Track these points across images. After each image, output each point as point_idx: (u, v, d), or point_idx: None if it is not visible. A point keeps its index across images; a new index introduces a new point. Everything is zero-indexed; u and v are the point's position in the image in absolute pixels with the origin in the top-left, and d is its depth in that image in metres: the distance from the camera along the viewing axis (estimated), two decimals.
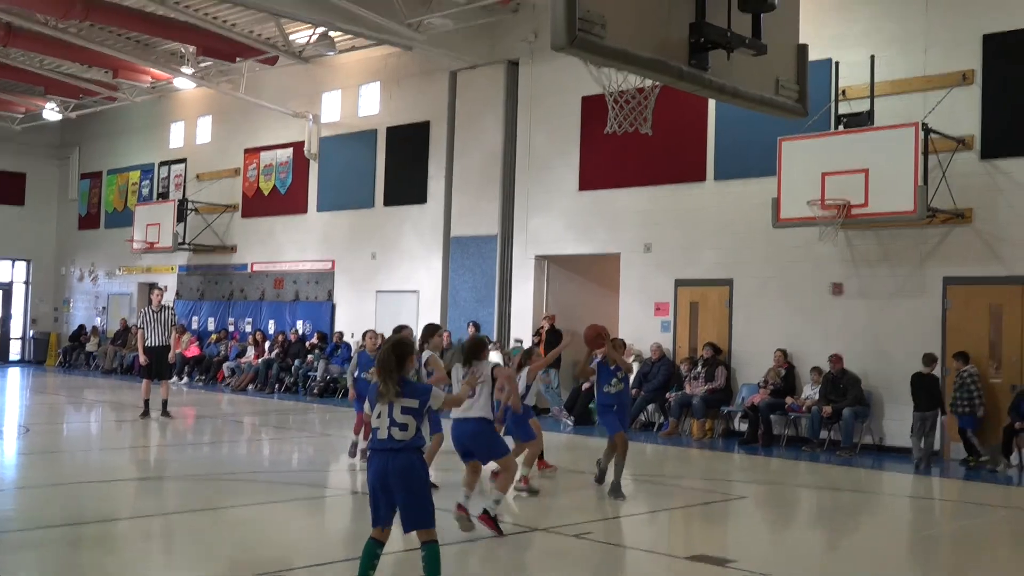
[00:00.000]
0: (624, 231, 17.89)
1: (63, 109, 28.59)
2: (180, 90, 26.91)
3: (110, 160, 30.50)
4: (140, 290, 28.79)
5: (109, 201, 30.46)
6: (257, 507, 9.11)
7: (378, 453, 5.63)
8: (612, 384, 10.12)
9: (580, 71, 7.13)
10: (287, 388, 22.21)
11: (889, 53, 14.76)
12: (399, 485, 5.55)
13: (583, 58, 6.08)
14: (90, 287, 31.04)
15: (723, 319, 16.65)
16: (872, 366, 14.82)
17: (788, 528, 9.07)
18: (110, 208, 30.41)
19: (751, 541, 8.64)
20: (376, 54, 22.40)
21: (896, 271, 14.75)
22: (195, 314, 26.70)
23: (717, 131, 16.68)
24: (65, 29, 21.40)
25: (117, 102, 27.84)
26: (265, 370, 22.66)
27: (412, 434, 5.61)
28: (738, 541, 8.61)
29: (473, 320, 19.87)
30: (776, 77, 7.29)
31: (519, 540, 8.13)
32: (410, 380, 5.78)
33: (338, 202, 23.21)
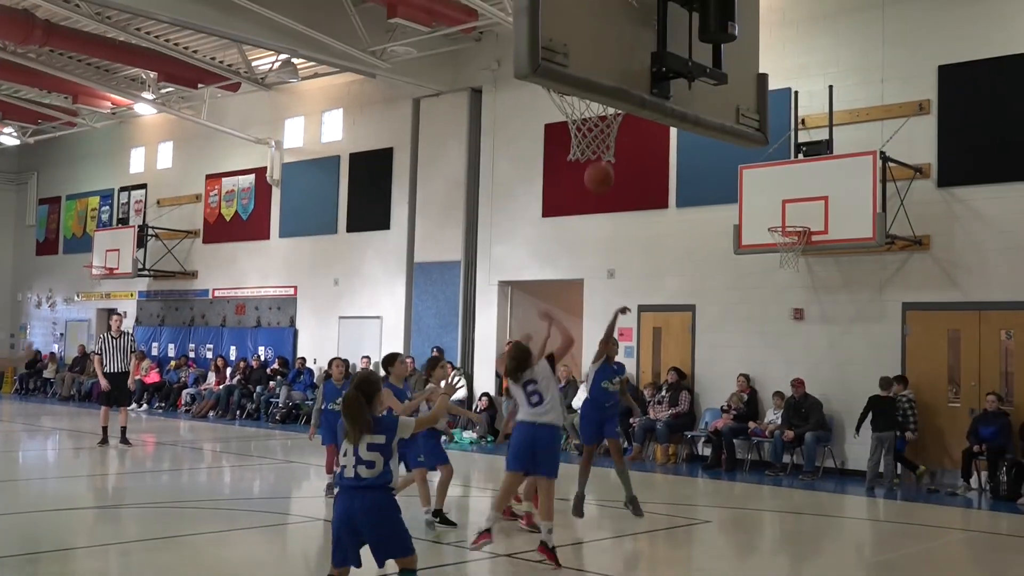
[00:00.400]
0: (587, 257, 17.99)
1: (21, 134, 28.37)
2: (141, 116, 26.77)
3: (69, 185, 30.22)
4: (99, 316, 28.47)
5: (68, 227, 30.15)
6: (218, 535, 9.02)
7: (345, 492, 5.46)
8: (613, 382, 9.83)
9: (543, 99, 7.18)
10: (248, 415, 22.03)
11: (847, 83, 15.01)
12: (367, 524, 5.38)
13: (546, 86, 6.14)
14: (48, 313, 30.66)
15: (686, 344, 16.75)
16: (833, 390, 14.97)
17: (752, 553, 9.12)
18: (69, 234, 30.11)
19: (715, 566, 8.68)
20: (339, 81, 22.43)
21: (856, 297, 14.94)
22: (155, 340, 26.45)
23: (679, 159, 16.85)
24: (24, 54, 21.27)
25: (76, 127, 27.66)
26: (227, 396, 22.47)
27: (379, 471, 5.41)
28: (702, 566, 8.64)
29: (436, 345, 19.84)
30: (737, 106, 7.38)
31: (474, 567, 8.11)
32: (376, 415, 5.56)
33: (300, 228, 23.14)
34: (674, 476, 14.68)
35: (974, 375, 14.01)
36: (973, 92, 14.10)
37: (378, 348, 21.19)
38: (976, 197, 14.04)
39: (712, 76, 6.72)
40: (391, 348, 20.90)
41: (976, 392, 13.83)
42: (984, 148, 13.99)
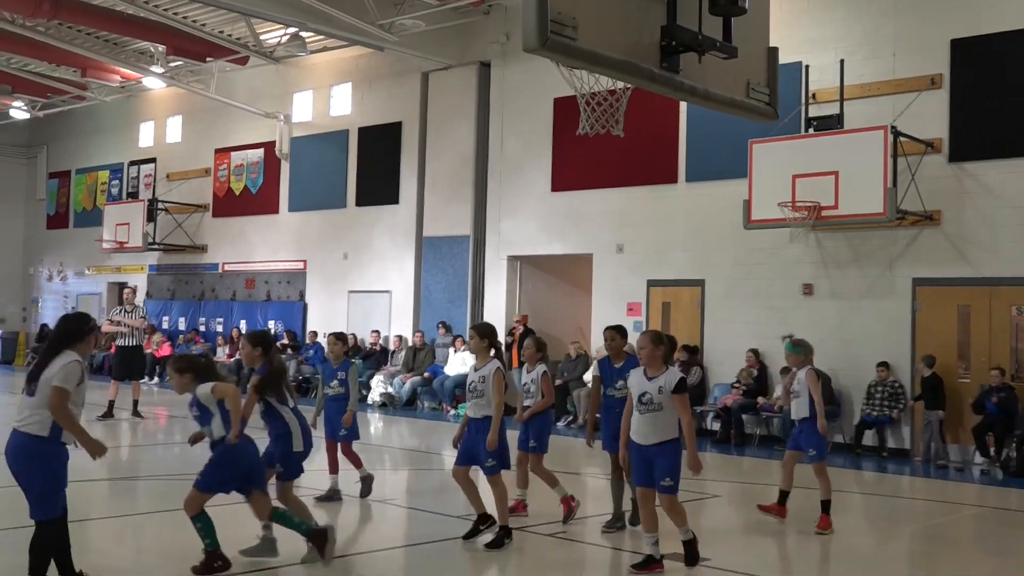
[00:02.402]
0: (596, 232, 17.96)
1: (31, 108, 28.34)
2: (150, 89, 26.73)
3: (79, 159, 30.24)
4: (110, 289, 28.57)
5: (78, 200, 30.20)
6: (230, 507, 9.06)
7: None
8: (619, 387, 8.43)
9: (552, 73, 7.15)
10: None
11: (859, 57, 14.90)
12: None
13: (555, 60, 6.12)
14: (59, 286, 30.77)
15: (695, 319, 16.74)
16: (842, 366, 14.96)
17: (761, 527, 9.13)
18: (79, 208, 30.16)
19: (725, 540, 8.70)
20: (348, 55, 22.35)
21: (866, 272, 14.90)
22: (166, 314, 26.53)
23: (689, 133, 16.78)
24: (33, 27, 21.22)
25: (86, 101, 27.65)
26: (237, 370, 22.55)
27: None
28: (712, 540, 8.65)
29: (443, 320, 19.89)
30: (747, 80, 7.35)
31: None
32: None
33: (309, 202, 23.14)
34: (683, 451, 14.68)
35: (984, 351, 13.98)
36: (985, 66, 13.99)
37: (387, 322, 21.26)
38: (988, 172, 13.96)
39: (722, 50, 6.69)
40: (401, 323, 21.01)
41: (986, 368, 13.78)
42: (996, 123, 13.89)
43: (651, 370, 7.03)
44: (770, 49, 7.58)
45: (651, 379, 6.99)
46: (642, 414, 7.00)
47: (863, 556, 8.43)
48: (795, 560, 8.43)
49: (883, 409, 14.30)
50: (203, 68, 23.71)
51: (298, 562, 7.04)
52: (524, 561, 7.73)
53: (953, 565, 8.34)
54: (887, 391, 14.37)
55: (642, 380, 7.06)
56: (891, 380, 14.38)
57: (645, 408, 6.97)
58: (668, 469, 6.99)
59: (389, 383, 19.92)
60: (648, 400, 6.94)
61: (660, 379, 6.95)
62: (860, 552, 8.56)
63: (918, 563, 8.62)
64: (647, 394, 6.95)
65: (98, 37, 22.79)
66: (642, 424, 7.02)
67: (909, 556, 8.89)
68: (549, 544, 8.17)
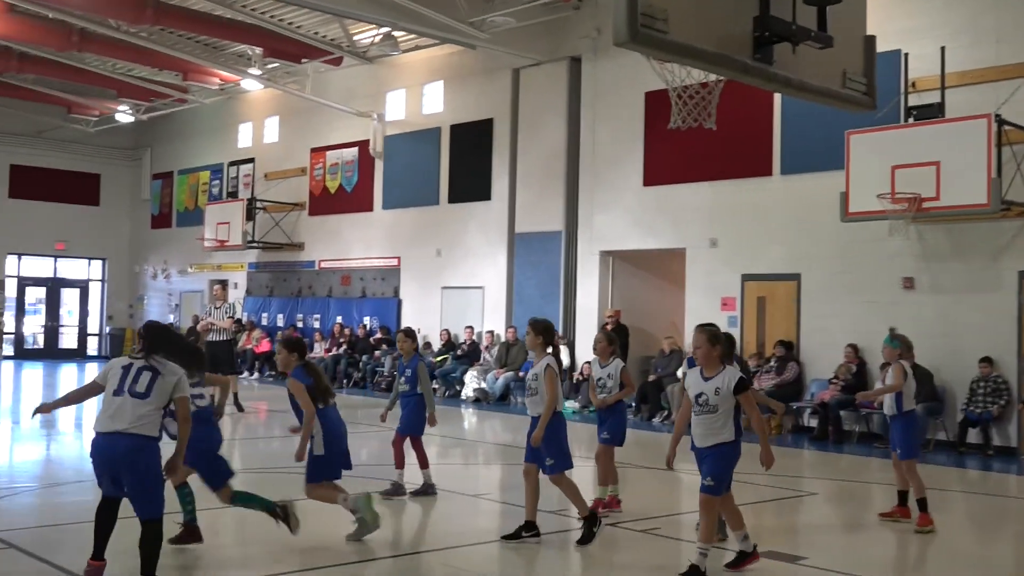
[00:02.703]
0: (689, 226, 17.80)
1: (135, 111, 29.17)
2: (248, 91, 27.32)
3: (181, 160, 31.10)
4: (210, 287, 29.28)
5: (180, 200, 31.04)
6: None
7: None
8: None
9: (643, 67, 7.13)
10: (355, 383, 22.52)
11: (960, 44, 14.46)
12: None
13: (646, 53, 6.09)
14: (163, 284, 31.69)
15: (791, 314, 16.48)
16: (944, 362, 14.55)
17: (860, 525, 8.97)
18: (181, 207, 31.00)
19: (822, 538, 8.57)
20: (439, 53, 22.53)
21: (969, 265, 14.47)
22: (264, 311, 27.11)
23: (784, 125, 16.51)
24: (136, 33, 21.85)
25: (187, 104, 28.34)
26: (334, 365, 22.97)
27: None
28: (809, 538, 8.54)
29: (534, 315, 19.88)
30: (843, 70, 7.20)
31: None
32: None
33: (403, 199, 23.41)
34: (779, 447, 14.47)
35: None
36: None
37: (480, 318, 21.40)
38: None
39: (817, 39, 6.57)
40: (493, 318, 21.13)
41: None
42: None
43: (707, 370, 6.79)
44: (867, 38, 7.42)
45: (707, 379, 6.75)
46: (697, 415, 6.77)
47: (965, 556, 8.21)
48: (893, 559, 8.24)
49: (985, 405, 13.88)
50: (298, 69, 24.16)
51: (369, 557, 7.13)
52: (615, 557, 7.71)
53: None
54: (989, 387, 13.92)
55: (698, 380, 6.82)
56: (994, 375, 13.94)
57: (701, 410, 6.73)
58: (713, 470, 6.69)
59: (482, 379, 20.05)
60: (704, 402, 6.70)
61: (717, 379, 6.71)
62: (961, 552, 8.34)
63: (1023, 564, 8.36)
64: (703, 395, 6.71)
65: (198, 41, 23.37)
66: (697, 426, 6.79)
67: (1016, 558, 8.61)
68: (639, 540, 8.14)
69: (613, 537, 8.02)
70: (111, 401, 6.04)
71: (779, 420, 15.64)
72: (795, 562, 7.41)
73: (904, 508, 8.93)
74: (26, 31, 21.14)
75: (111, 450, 5.98)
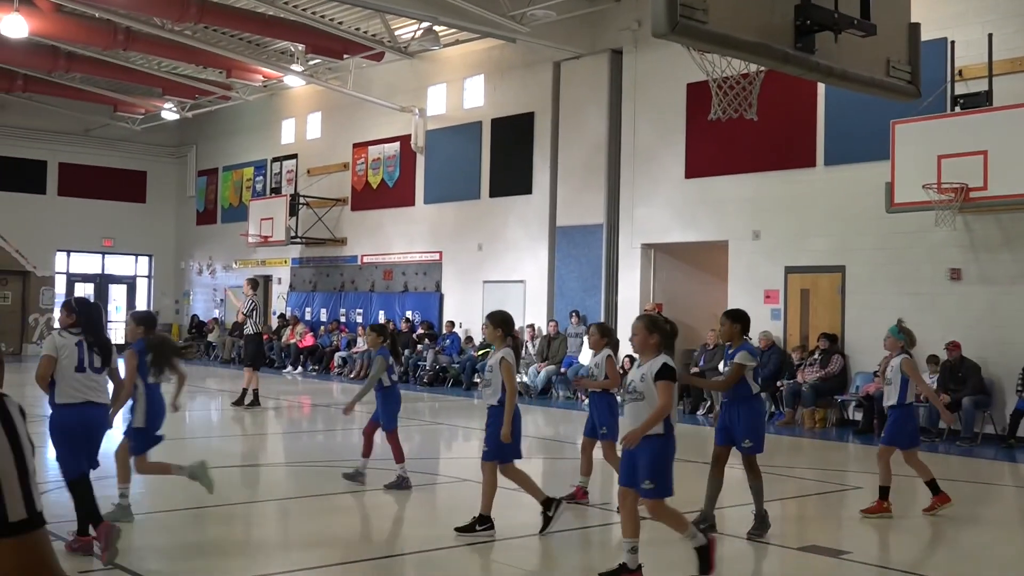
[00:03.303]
0: (732, 219, 17.68)
1: (180, 109, 29.46)
2: (290, 88, 27.52)
3: (225, 157, 31.40)
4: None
5: (224, 197, 31.36)
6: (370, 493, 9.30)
7: None
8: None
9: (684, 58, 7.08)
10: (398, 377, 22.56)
11: (1008, 31, 14.22)
12: None
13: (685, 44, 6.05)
14: (208, 280, 32.03)
15: (835, 306, 16.32)
16: (992, 354, 14.34)
17: (904, 520, 8.85)
18: (225, 204, 31.32)
19: (865, 532, 8.47)
20: (480, 47, 22.55)
21: (1018, 256, 14.23)
22: (308, 305, 27.32)
23: (827, 115, 16.34)
24: (180, 32, 22.07)
25: (231, 101, 28.60)
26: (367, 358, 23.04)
27: None
28: (852, 532, 8.45)
29: (576, 310, 19.89)
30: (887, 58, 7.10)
31: None
32: None
33: (444, 194, 23.47)
34: (823, 441, 14.37)
35: None
36: None
37: (521, 312, 21.39)
38: None
39: (860, 27, 6.48)
40: (535, 312, 21.12)
41: None
42: None
43: (642, 357, 6.39)
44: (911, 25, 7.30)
45: (639, 367, 6.40)
46: (626, 404, 6.39)
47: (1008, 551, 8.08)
48: (938, 554, 8.13)
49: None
50: (340, 65, 24.29)
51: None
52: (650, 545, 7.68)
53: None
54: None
55: (633, 368, 6.56)
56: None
57: (629, 397, 6.30)
58: (649, 470, 6.12)
59: (524, 372, 20.05)
60: (632, 388, 6.26)
61: (645, 366, 6.26)
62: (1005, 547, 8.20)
63: None
64: (632, 382, 6.31)
65: (241, 39, 23.58)
66: (627, 415, 6.41)
67: None
68: None
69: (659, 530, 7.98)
70: (80, 376, 6.86)
71: (823, 414, 15.50)
72: (838, 556, 7.34)
73: (884, 502, 8.74)
74: (72, 31, 21.44)
75: (98, 418, 6.94)
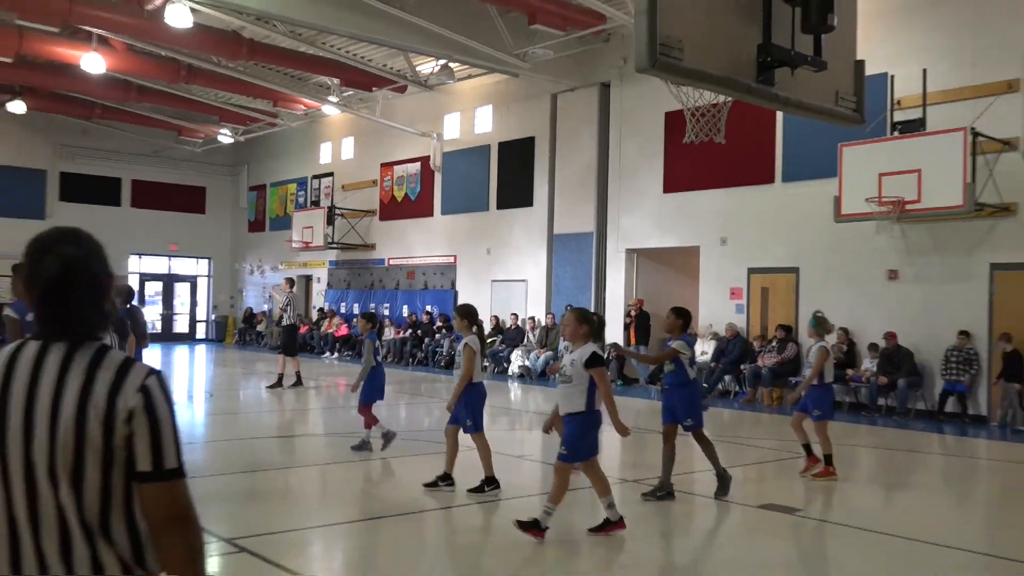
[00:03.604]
0: (703, 227, 17.65)
1: (234, 134, 29.46)
2: (327, 116, 27.48)
3: (272, 175, 31.39)
4: (297, 282, 29.50)
5: (272, 208, 31.33)
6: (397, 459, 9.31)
7: None
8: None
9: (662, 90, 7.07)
10: (419, 361, 22.61)
11: (940, 67, 14.18)
12: None
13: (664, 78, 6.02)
14: (258, 279, 32.04)
15: (790, 302, 16.29)
16: (924, 342, 14.33)
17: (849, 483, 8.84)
18: (273, 214, 31.29)
19: (815, 494, 8.46)
20: (488, 81, 22.52)
21: (947, 259, 14.21)
22: (343, 301, 27.31)
23: (784, 138, 16.31)
24: (234, 68, 22.07)
25: (277, 127, 28.58)
26: (401, 346, 23.09)
27: None
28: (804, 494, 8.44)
29: (570, 304, 19.86)
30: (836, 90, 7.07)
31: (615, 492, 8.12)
32: None
33: (458, 206, 23.44)
34: (779, 416, 14.34)
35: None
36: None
37: (524, 307, 21.39)
38: None
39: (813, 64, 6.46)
40: (535, 306, 21.11)
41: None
42: None
43: (574, 345, 6.47)
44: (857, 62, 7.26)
45: (571, 353, 6.47)
46: (559, 386, 6.51)
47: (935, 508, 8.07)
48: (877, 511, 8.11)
49: (958, 375, 13.60)
50: (370, 97, 24.27)
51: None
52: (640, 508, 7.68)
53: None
54: (962, 356, 13.64)
55: (567, 354, 6.64)
56: (967, 347, 13.66)
57: (561, 379, 6.42)
58: (566, 438, 6.28)
59: (526, 357, 20.05)
60: (564, 372, 6.39)
61: (576, 353, 6.33)
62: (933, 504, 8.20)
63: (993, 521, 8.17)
64: (565, 367, 6.42)
65: (285, 74, 23.56)
66: (559, 396, 6.52)
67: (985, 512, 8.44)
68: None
69: (637, 493, 7.98)
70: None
71: (780, 394, 15.49)
72: (792, 513, 7.33)
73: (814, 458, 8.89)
74: (143, 67, 21.44)
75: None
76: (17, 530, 1.93)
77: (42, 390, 1.95)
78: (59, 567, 1.92)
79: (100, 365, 2.00)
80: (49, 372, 1.97)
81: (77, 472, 1.93)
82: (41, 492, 1.93)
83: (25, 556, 1.92)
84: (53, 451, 1.93)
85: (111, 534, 1.97)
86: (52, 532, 1.93)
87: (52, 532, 1.93)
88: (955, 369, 13.73)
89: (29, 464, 1.93)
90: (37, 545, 1.93)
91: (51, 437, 1.93)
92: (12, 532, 1.93)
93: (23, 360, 1.99)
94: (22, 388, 1.96)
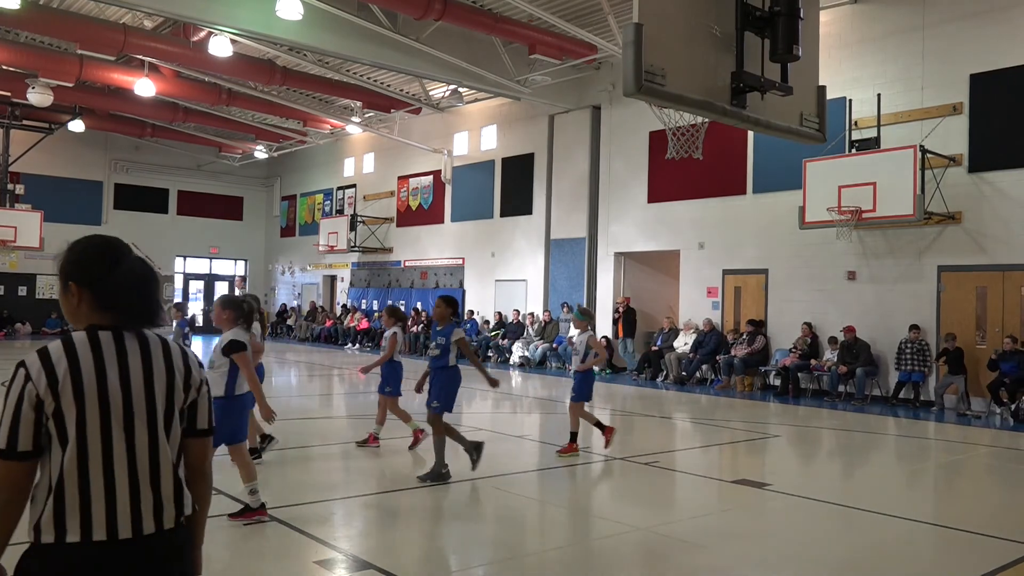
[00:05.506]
0: (683, 233, 17.62)
1: (268, 150, 29.50)
2: (351, 134, 27.50)
3: (302, 186, 31.38)
4: (324, 281, 29.57)
5: (302, 216, 31.32)
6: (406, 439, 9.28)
7: None
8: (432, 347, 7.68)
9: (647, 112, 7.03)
10: None
11: (893, 91, 14.17)
12: None
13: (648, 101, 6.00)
14: (289, 279, 32.04)
15: (760, 300, 16.27)
16: (879, 335, 14.30)
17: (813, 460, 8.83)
18: (302, 221, 31.28)
19: (784, 469, 8.45)
20: (493, 103, 22.50)
21: (899, 261, 14.18)
22: (364, 298, 27.30)
23: (755, 155, 16.28)
24: (269, 92, 22.12)
25: (306, 144, 28.59)
26: (415, 339, 23.06)
27: None
28: (773, 469, 8.43)
29: (565, 301, 19.86)
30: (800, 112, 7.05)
31: (604, 466, 8.11)
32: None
33: (466, 214, 23.42)
34: (750, 400, 14.33)
35: (998, 323, 13.15)
36: (1000, 94, 13.11)
37: (524, 303, 21.37)
38: (1001, 180, 13.09)
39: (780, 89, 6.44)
40: (534, 303, 21.07)
41: (999, 337, 12.97)
42: (1008, 140, 13.01)
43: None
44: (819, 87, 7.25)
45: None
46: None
47: (889, 482, 8.05)
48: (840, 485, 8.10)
49: (913, 365, 13.60)
50: (388, 117, 24.25)
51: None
52: (626, 482, 7.66)
53: (971, 493, 7.87)
54: (916, 347, 13.63)
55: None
56: (920, 340, 13.65)
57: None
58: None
59: (526, 348, 20.03)
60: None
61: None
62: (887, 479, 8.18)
63: (942, 493, 8.16)
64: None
65: (314, 97, 23.56)
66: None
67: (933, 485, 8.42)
68: (643, 470, 8.06)
69: (624, 469, 7.97)
70: None
71: (751, 381, 15.47)
72: (762, 488, 7.31)
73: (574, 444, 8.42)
74: (188, 91, 21.45)
75: None
76: (137, 479, 2.06)
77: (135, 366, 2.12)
78: (171, 508, 2.11)
79: (169, 348, 2.21)
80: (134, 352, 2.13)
81: (169, 427, 2.15)
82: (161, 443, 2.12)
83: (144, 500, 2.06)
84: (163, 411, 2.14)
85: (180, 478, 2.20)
86: (168, 478, 2.11)
87: (168, 478, 2.11)
88: (910, 360, 13.71)
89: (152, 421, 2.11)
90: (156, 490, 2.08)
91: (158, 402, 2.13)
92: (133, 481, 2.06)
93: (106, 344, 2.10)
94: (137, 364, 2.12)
